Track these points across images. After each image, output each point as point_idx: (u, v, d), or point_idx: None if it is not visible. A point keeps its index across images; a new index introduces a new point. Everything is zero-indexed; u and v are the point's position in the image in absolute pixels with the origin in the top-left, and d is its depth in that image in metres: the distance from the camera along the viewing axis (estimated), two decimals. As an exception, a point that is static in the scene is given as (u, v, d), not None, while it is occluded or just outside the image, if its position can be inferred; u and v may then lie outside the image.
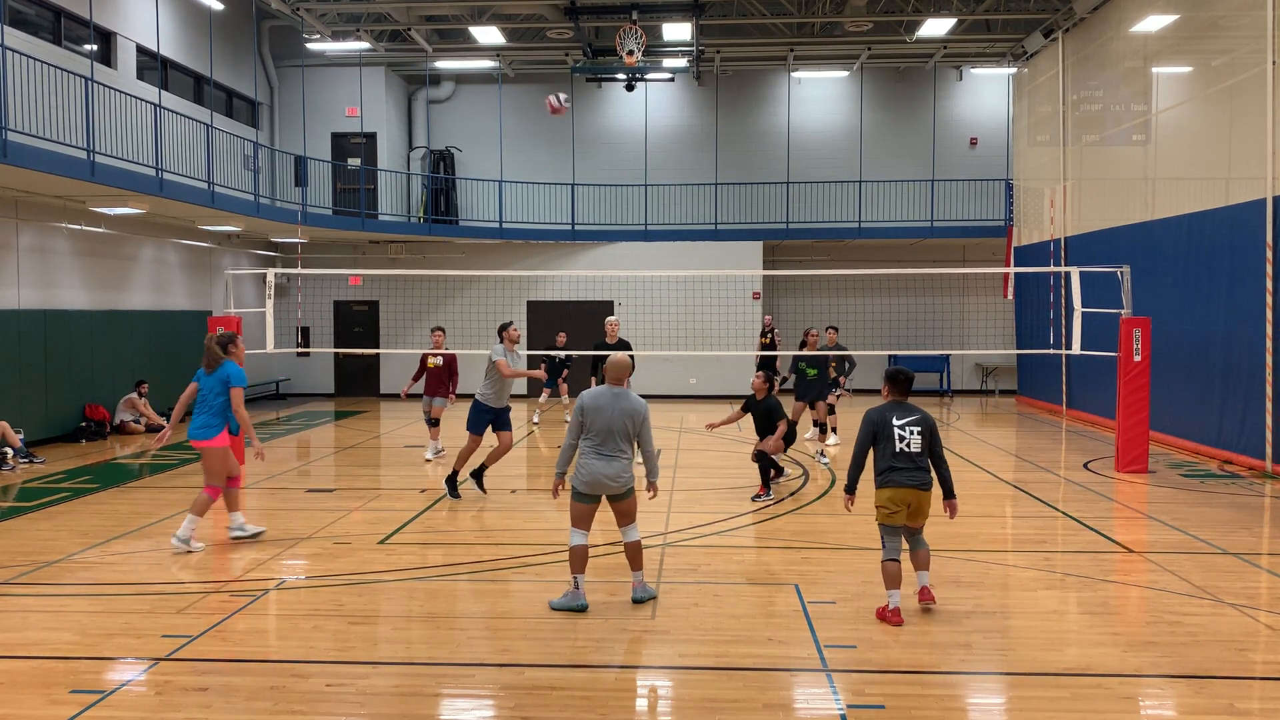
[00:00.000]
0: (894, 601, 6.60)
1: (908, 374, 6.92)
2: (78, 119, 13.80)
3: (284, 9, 19.31)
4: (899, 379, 6.89)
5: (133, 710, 5.28)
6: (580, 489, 7.06)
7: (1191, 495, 11.04)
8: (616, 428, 7.00)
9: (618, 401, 7.05)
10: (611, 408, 7.02)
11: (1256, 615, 6.78)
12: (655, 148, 24.48)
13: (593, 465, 6.99)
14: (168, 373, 18.34)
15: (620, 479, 7.03)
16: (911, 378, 6.99)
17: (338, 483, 12.18)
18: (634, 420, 7.05)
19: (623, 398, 7.08)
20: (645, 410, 7.15)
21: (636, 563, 7.23)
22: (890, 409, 6.82)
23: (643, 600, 7.14)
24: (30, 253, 15.27)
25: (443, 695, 5.55)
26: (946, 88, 24.41)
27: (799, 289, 23.99)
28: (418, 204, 24.22)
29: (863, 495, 7.27)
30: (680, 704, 5.40)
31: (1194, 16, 14.56)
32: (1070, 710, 5.27)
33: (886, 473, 6.75)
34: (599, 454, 7.00)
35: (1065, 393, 19.24)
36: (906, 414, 6.77)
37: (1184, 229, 14.44)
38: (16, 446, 13.21)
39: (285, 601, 7.19)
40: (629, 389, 7.27)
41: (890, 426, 6.73)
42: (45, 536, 9.16)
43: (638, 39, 18.02)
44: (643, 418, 7.11)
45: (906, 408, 6.82)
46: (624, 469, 7.05)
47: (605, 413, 7.01)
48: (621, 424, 7.01)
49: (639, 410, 7.09)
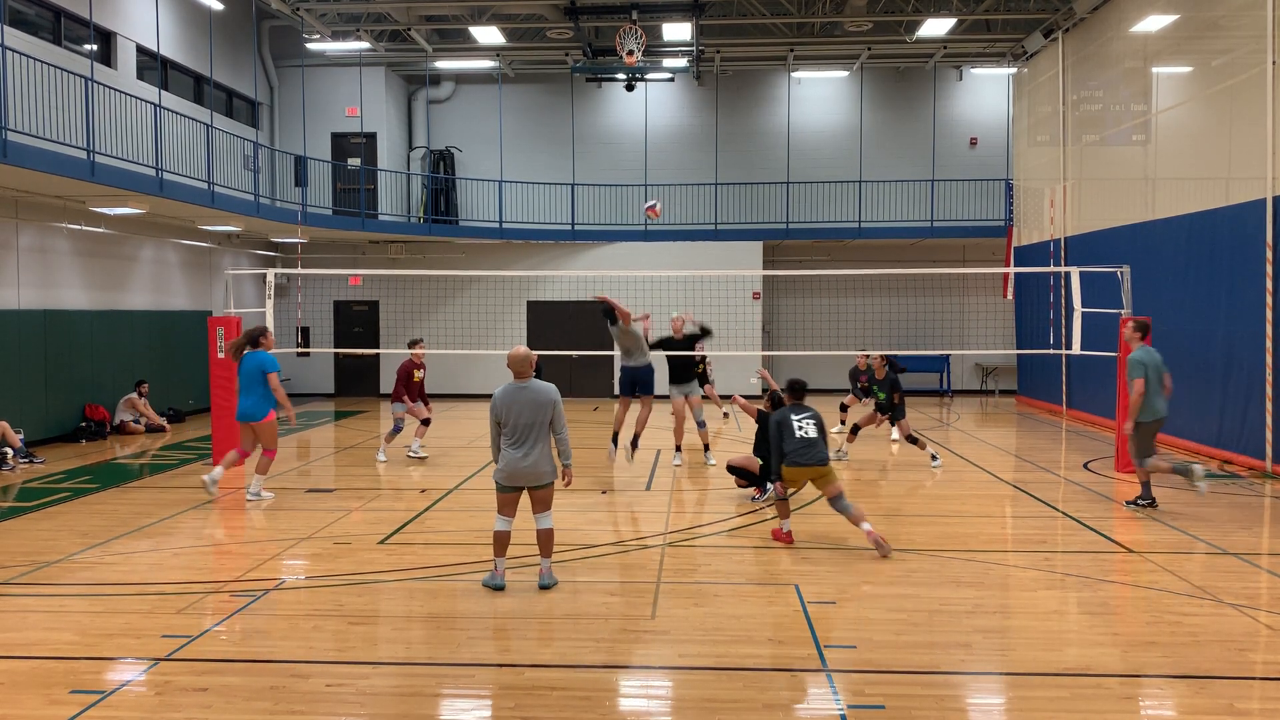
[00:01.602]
0: (786, 526, 8.92)
1: (804, 383, 9.17)
2: (78, 119, 13.80)
3: (284, 9, 19.32)
4: (797, 388, 9.10)
5: (133, 710, 5.28)
6: (500, 480, 7.38)
7: (1191, 495, 11.03)
8: (526, 420, 7.25)
9: (522, 394, 7.30)
10: (518, 401, 7.28)
11: (1256, 615, 6.78)
12: (655, 148, 24.48)
13: (508, 457, 7.31)
14: (168, 373, 18.36)
15: (535, 471, 7.30)
16: (806, 386, 9.19)
17: (338, 483, 12.18)
18: (542, 409, 7.29)
19: (527, 389, 7.32)
20: (553, 396, 7.36)
21: (546, 550, 7.50)
22: (792, 409, 8.86)
23: (548, 587, 7.38)
24: (30, 253, 15.27)
25: (443, 695, 5.55)
26: (946, 88, 24.42)
27: (799, 289, 23.98)
28: (418, 204, 24.22)
29: (864, 496, 7.24)
30: (680, 704, 5.40)
31: (1194, 16, 14.56)
32: (1070, 710, 5.27)
33: (792, 454, 8.62)
34: (513, 447, 7.30)
35: (1065, 393, 19.23)
36: (803, 412, 8.85)
37: (1184, 229, 14.44)
38: (16, 446, 13.22)
39: (285, 601, 7.19)
40: (538, 380, 7.44)
41: (792, 422, 8.71)
42: (45, 536, 9.17)
43: (638, 39, 18.03)
44: (551, 403, 7.32)
45: (803, 407, 8.94)
46: (537, 461, 7.30)
47: (514, 408, 7.28)
48: (530, 416, 7.25)
49: (546, 399, 7.31)
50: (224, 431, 13.04)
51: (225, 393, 12.98)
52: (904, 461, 13.87)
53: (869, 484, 11.96)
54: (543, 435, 7.35)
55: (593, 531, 9.34)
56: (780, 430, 8.72)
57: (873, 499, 10.92)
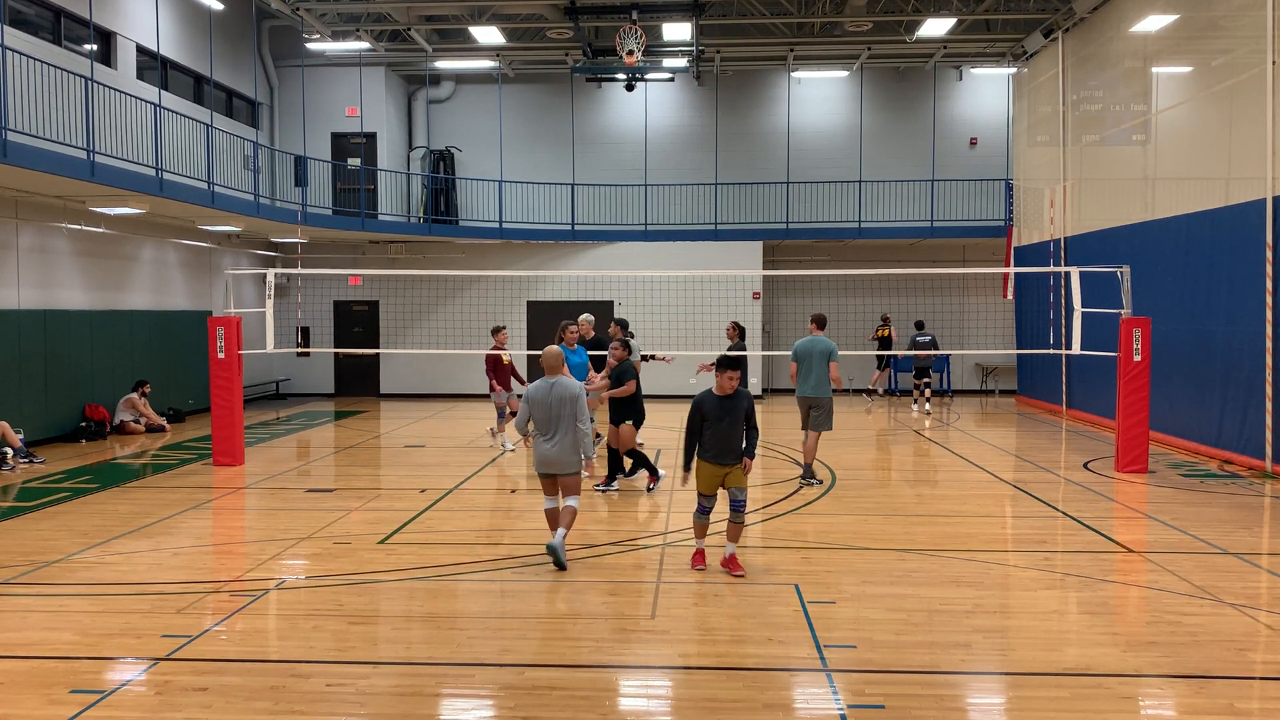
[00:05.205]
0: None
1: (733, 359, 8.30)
2: (78, 119, 13.80)
3: (284, 9, 19.32)
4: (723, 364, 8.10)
5: (133, 710, 5.28)
6: (536, 468, 8.16)
7: (1191, 495, 11.04)
8: (553, 414, 7.96)
9: (553, 390, 8.00)
10: (547, 396, 7.98)
11: (1256, 615, 6.78)
12: (655, 148, 24.48)
13: (538, 448, 8.09)
14: (168, 373, 18.36)
15: (561, 459, 8.00)
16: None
17: (338, 483, 12.18)
18: (565, 404, 7.96)
19: (556, 386, 8.02)
20: (575, 392, 8.02)
21: (566, 522, 8.11)
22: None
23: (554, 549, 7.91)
24: (30, 253, 15.27)
25: (443, 695, 5.55)
26: (946, 88, 24.41)
27: (799, 289, 23.99)
28: (418, 204, 24.22)
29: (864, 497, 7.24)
30: (680, 704, 5.40)
31: (1194, 16, 14.55)
32: (1070, 710, 5.27)
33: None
34: (542, 437, 8.06)
35: (1065, 393, 19.24)
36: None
37: (1184, 229, 14.43)
38: (16, 446, 13.22)
39: (285, 601, 7.19)
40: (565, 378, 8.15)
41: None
42: (45, 536, 9.17)
43: (638, 39, 18.03)
44: (573, 398, 7.98)
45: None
46: (563, 452, 7.98)
47: (542, 402, 8.00)
48: (557, 410, 7.95)
49: (569, 394, 7.99)
50: (224, 431, 13.05)
51: (225, 392, 12.99)
52: (903, 462, 13.87)
53: (868, 484, 11.95)
54: (568, 428, 7.97)
55: (593, 531, 9.33)
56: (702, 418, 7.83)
57: (873, 498, 10.94)
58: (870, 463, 13.82)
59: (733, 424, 7.66)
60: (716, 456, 7.70)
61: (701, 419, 7.71)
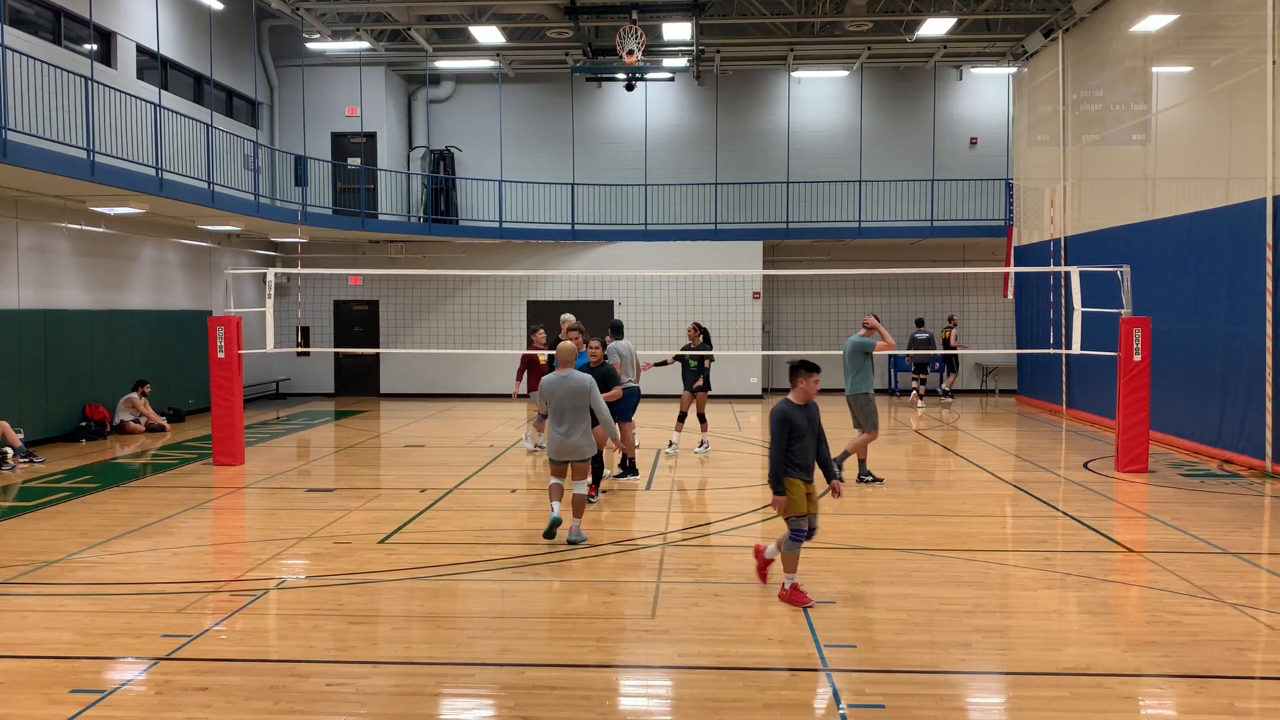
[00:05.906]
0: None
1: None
2: (78, 119, 13.79)
3: (284, 9, 19.31)
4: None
5: (133, 710, 5.28)
6: (549, 456, 8.79)
7: (1191, 495, 11.04)
8: (566, 404, 8.57)
9: (564, 382, 8.60)
10: (560, 388, 8.58)
11: (1256, 615, 6.78)
12: (655, 147, 24.48)
13: (553, 437, 8.70)
14: (168, 373, 18.36)
15: (574, 447, 8.62)
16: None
17: (338, 482, 12.18)
18: (577, 395, 8.56)
19: (568, 379, 8.61)
20: (587, 385, 8.61)
21: (577, 511, 8.74)
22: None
23: (575, 543, 8.59)
24: (30, 253, 15.27)
25: (443, 695, 5.55)
26: (946, 87, 24.41)
27: (799, 289, 23.98)
28: (418, 204, 24.22)
29: (864, 497, 7.24)
30: (680, 704, 5.40)
31: (1194, 16, 14.55)
32: (1070, 710, 5.27)
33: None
34: (556, 427, 8.64)
35: (1065, 393, 19.23)
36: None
37: (1184, 229, 14.43)
38: (16, 446, 13.22)
39: (285, 601, 7.19)
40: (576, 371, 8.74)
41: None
42: (45, 536, 9.16)
43: (638, 39, 18.01)
44: (585, 391, 8.59)
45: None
46: (578, 440, 8.60)
47: (556, 394, 8.60)
48: (570, 401, 8.55)
49: (580, 387, 8.60)
50: (224, 431, 13.05)
51: (225, 392, 12.99)
52: (904, 462, 13.87)
53: (870, 485, 11.94)
54: (580, 418, 8.59)
55: (593, 531, 9.33)
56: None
57: (873, 498, 10.93)
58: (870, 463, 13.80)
59: (815, 436, 7.15)
60: (808, 472, 7.06)
61: (792, 431, 7.05)
